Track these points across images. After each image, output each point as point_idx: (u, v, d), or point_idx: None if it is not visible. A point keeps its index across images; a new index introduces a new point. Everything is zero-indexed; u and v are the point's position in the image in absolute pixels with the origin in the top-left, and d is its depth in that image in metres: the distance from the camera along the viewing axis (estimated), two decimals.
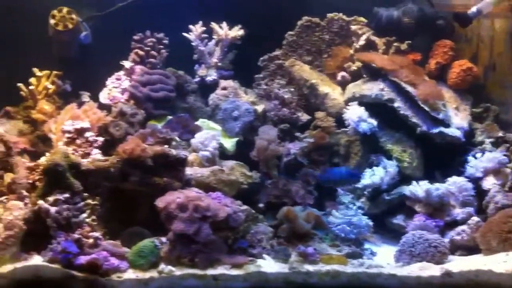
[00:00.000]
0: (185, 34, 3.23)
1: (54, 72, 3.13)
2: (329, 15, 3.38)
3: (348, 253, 2.55)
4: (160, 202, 2.42)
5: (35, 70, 3.10)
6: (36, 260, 2.35)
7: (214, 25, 3.26)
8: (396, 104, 2.97)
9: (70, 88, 3.21)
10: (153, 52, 3.21)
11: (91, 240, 2.35)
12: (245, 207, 2.57)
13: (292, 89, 3.22)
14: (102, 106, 3.06)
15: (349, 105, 3.08)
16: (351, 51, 3.30)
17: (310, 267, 2.34)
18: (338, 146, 3.09)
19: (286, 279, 2.27)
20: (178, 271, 2.27)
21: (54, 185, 2.43)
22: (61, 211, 2.38)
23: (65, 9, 3.04)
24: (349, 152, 3.09)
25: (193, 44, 3.26)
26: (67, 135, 2.71)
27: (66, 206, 2.39)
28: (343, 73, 3.26)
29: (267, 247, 2.51)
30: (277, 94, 3.15)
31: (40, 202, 2.38)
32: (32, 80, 3.09)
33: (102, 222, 2.51)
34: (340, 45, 3.36)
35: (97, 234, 2.39)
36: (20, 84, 3.09)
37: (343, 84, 3.27)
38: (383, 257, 2.63)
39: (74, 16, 3.04)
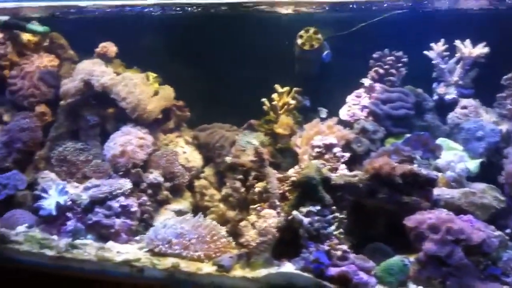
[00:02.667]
0: (426, 52, 3.20)
1: (295, 88, 3.29)
2: None
3: None
4: (410, 221, 2.41)
5: (277, 86, 3.29)
6: (288, 267, 2.49)
7: (458, 42, 3.17)
8: None
9: (309, 104, 3.36)
10: (392, 70, 3.22)
11: (339, 253, 2.43)
12: (498, 232, 2.44)
13: None
14: (341, 122, 3.15)
15: None
16: None
17: None
18: None
19: None
20: None
21: (307, 197, 2.56)
22: (313, 222, 2.49)
23: (312, 30, 3.18)
24: None
25: (433, 62, 3.21)
26: (316, 149, 2.84)
27: (317, 218, 2.50)
28: None
29: None
30: None
31: (295, 212, 2.52)
32: (274, 95, 3.29)
33: (347, 235, 2.57)
34: None
35: (345, 247, 2.45)
36: (263, 99, 3.30)
37: None
38: None
39: (320, 36, 3.17)
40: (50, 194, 3.02)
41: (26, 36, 3.61)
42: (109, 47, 3.45)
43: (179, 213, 3.15)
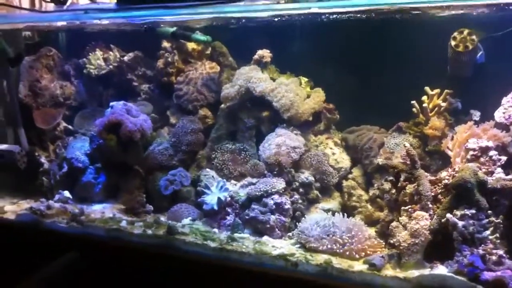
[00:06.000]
0: None
1: (446, 90, 3.27)
2: None
3: None
4: None
5: (427, 88, 3.29)
6: (441, 270, 2.52)
7: None
8: None
9: (461, 106, 3.31)
10: None
11: (494, 257, 2.40)
12: None
13: None
14: (496, 125, 3.06)
15: None
16: None
17: None
18: None
19: None
20: None
21: (462, 200, 2.56)
22: (468, 225, 2.49)
23: (466, 31, 3.13)
24: None
25: None
26: (471, 152, 2.81)
27: (472, 222, 2.50)
28: None
29: None
30: None
31: (449, 215, 2.53)
32: (424, 98, 3.29)
33: (502, 240, 2.53)
34: None
35: (501, 252, 2.42)
36: (413, 102, 3.31)
37: None
38: None
39: (474, 37, 3.12)
40: (212, 191, 3.30)
41: (190, 45, 3.96)
42: (265, 54, 3.67)
43: (329, 212, 3.27)
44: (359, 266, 2.66)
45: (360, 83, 3.60)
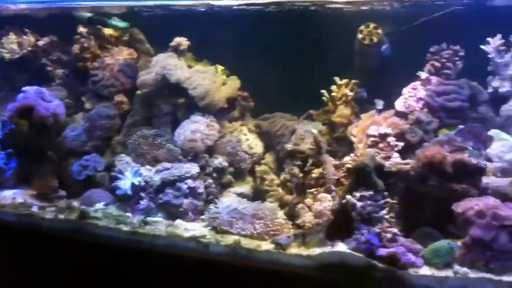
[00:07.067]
0: (482, 46, 3.27)
1: (353, 81, 3.45)
2: None
3: None
4: (458, 207, 2.53)
5: (336, 78, 3.45)
6: (340, 247, 2.67)
7: None
8: None
9: (366, 95, 3.50)
10: (448, 64, 3.31)
11: (389, 235, 2.58)
12: None
13: None
14: (397, 113, 3.27)
15: None
16: None
17: None
18: None
19: None
20: (472, 274, 2.37)
21: (361, 183, 2.71)
22: (365, 206, 2.65)
23: (372, 25, 3.32)
24: None
25: (489, 56, 3.28)
26: (371, 139, 3.00)
27: (369, 202, 2.66)
28: None
29: None
30: None
31: (348, 196, 2.69)
32: (333, 87, 3.46)
33: (397, 219, 2.72)
34: None
35: (395, 230, 2.61)
36: (323, 91, 3.46)
37: None
38: None
39: (379, 31, 3.30)
40: (126, 176, 3.32)
41: (108, 31, 3.94)
42: (182, 42, 3.70)
43: (241, 195, 3.37)
44: (266, 245, 2.77)
45: (275, 73, 3.70)
